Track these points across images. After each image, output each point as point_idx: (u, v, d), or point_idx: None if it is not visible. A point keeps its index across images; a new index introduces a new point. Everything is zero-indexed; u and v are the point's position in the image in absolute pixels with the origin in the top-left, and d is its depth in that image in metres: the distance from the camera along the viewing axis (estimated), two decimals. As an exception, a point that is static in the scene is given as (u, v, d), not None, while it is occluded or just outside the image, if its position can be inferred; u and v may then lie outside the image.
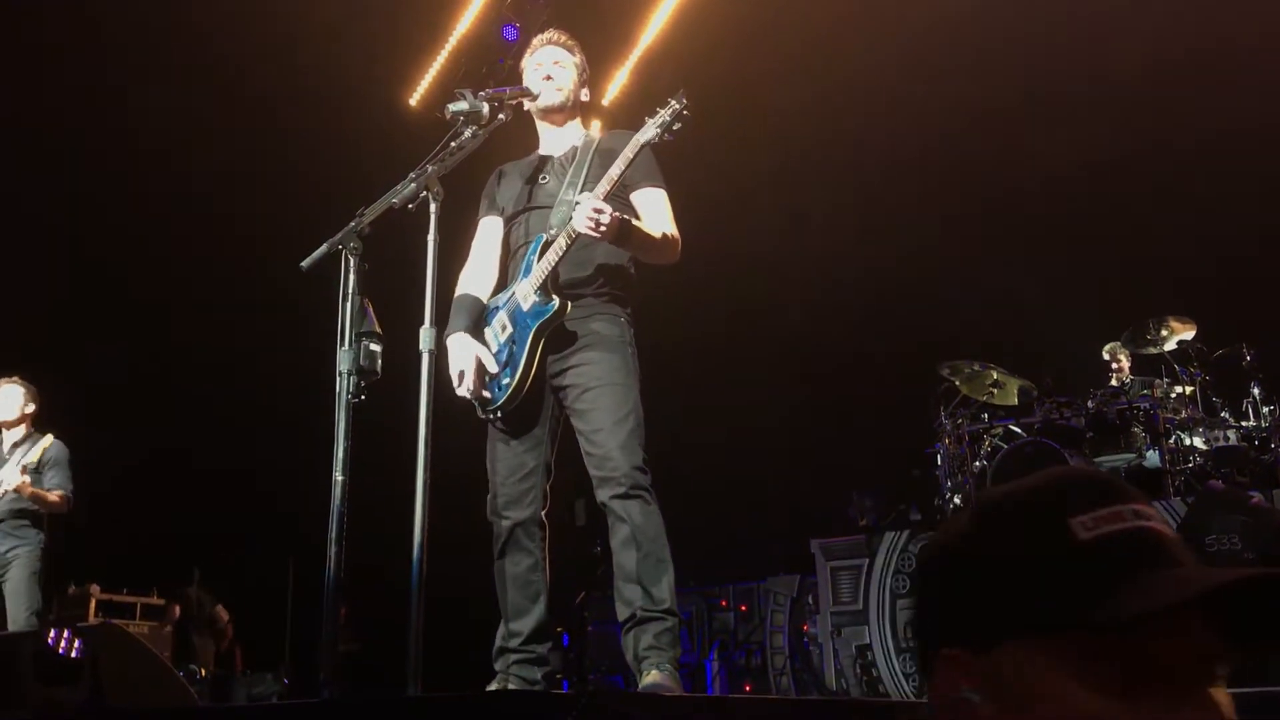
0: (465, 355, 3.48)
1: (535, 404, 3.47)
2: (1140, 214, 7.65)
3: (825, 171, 8.21)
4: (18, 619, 5.97)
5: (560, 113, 3.72)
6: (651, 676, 3.14)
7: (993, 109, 7.81)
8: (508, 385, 3.42)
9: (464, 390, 3.47)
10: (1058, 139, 7.79)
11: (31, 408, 6.38)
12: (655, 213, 3.52)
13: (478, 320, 3.60)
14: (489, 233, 3.75)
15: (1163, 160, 7.43)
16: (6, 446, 6.28)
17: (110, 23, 7.49)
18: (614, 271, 3.55)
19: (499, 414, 3.46)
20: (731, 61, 8.06)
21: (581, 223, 3.26)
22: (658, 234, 3.47)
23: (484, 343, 3.54)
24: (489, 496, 3.49)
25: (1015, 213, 8.14)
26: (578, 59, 3.77)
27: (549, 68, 3.70)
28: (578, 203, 3.33)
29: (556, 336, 3.43)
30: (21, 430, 6.34)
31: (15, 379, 6.36)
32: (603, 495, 3.31)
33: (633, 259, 3.59)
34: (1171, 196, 7.47)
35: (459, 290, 3.66)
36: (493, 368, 3.48)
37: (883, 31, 7.67)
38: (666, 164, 3.63)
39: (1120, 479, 0.93)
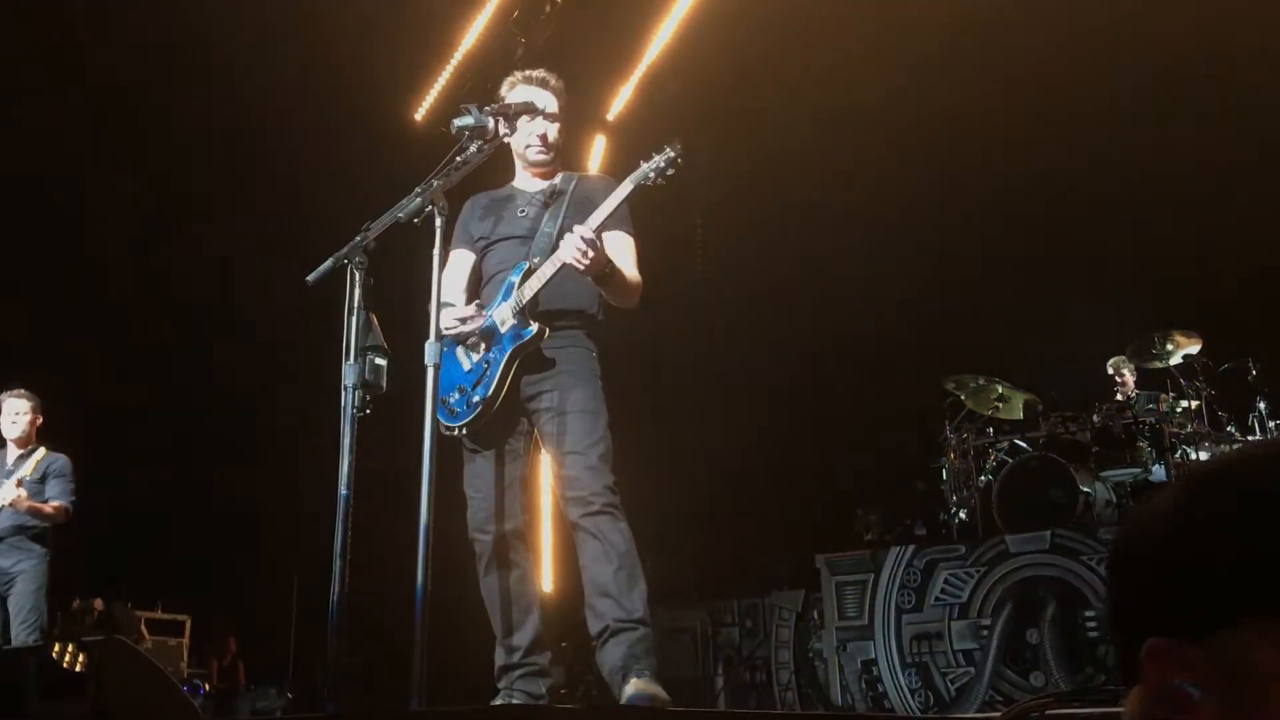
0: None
1: (509, 419, 3.52)
2: (1145, 227, 7.64)
3: (831, 184, 8.22)
4: (20, 635, 5.91)
5: (549, 167, 3.77)
6: (634, 685, 3.15)
7: (997, 121, 7.82)
8: (478, 404, 3.46)
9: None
10: (1064, 151, 7.80)
11: (39, 420, 6.35)
12: (623, 257, 3.57)
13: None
14: (459, 264, 3.77)
15: (1168, 172, 7.43)
16: (11, 459, 6.23)
17: (112, 33, 7.51)
18: (588, 307, 3.62)
19: (464, 431, 3.48)
20: (737, 75, 8.08)
21: (569, 252, 3.29)
22: (630, 278, 3.52)
23: (456, 360, 3.57)
24: (468, 514, 3.50)
25: (1020, 226, 8.14)
26: (563, 99, 3.79)
27: (544, 123, 3.71)
28: (568, 233, 3.35)
29: (530, 362, 3.48)
30: (32, 444, 6.29)
31: (21, 391, 6.32)
32: (573, 514, 3.35)
33: (603, 301, 3.62)
34: (1178, 209, 7.46)
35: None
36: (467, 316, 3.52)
37: (887, 45, 7.68)
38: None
39: None
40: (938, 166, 8.12)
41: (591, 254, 3.28)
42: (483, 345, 3.52)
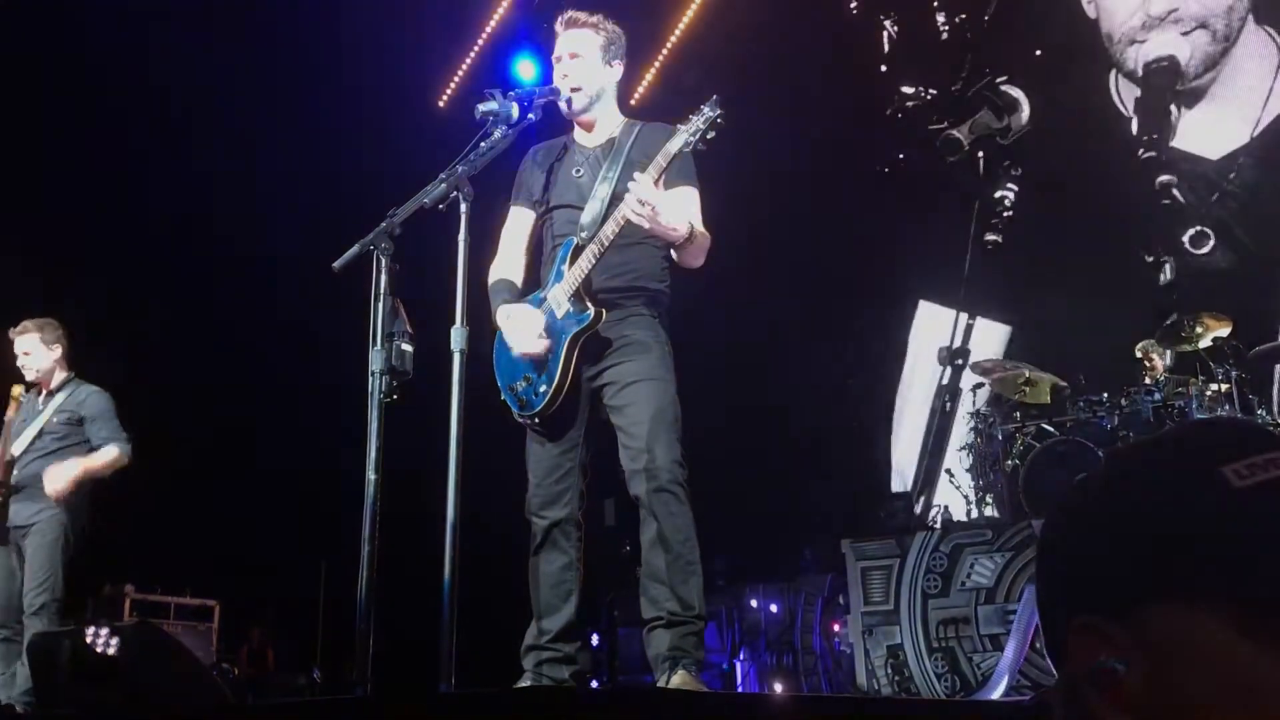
0: (527, 319, 3.47)
1: (572, 406, 3.46)
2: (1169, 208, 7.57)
3: (855, 166, 8.19)
4: (29, 600, 5.05)
5: (584, 114, 3.65)
6: (679, 678, 3.14)
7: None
8: (545, 393, 3.41)
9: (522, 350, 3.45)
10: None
11: (60, 350, 5.46)
12: (690, 212, 3.45)
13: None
14: (518, 224, 3.70)
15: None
16: (42, 403, 5.43)
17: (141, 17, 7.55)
18: (648, 276, 3.52)
19: (536, 420, 3.46)
20: (760, 62, 8.05)
21: (630, 210, 3.22)
22: (701, 235, 3.43)
23: None
24: (528, 495, 3.50)
25: (1045, 205, 8.08)
26: (601, 36, 3.64)
27: (566, 64, 3.59)
28: (626, 193, 3.26)
29: (593, 341, 3.41)
30: (61, 375, 5.48)
31: (25, 324, 5.45)
32: (636, 489, 3.29)
33: (667, 265, 3.57)
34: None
35: (493, 277, 3.64)
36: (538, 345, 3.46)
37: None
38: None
39: (1265, 427, 0.87)
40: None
41: (650, 212, 3.17)
42: (543, 332, 3.46)
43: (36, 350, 5.41)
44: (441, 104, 8.58)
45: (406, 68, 8.34)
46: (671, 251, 3.48)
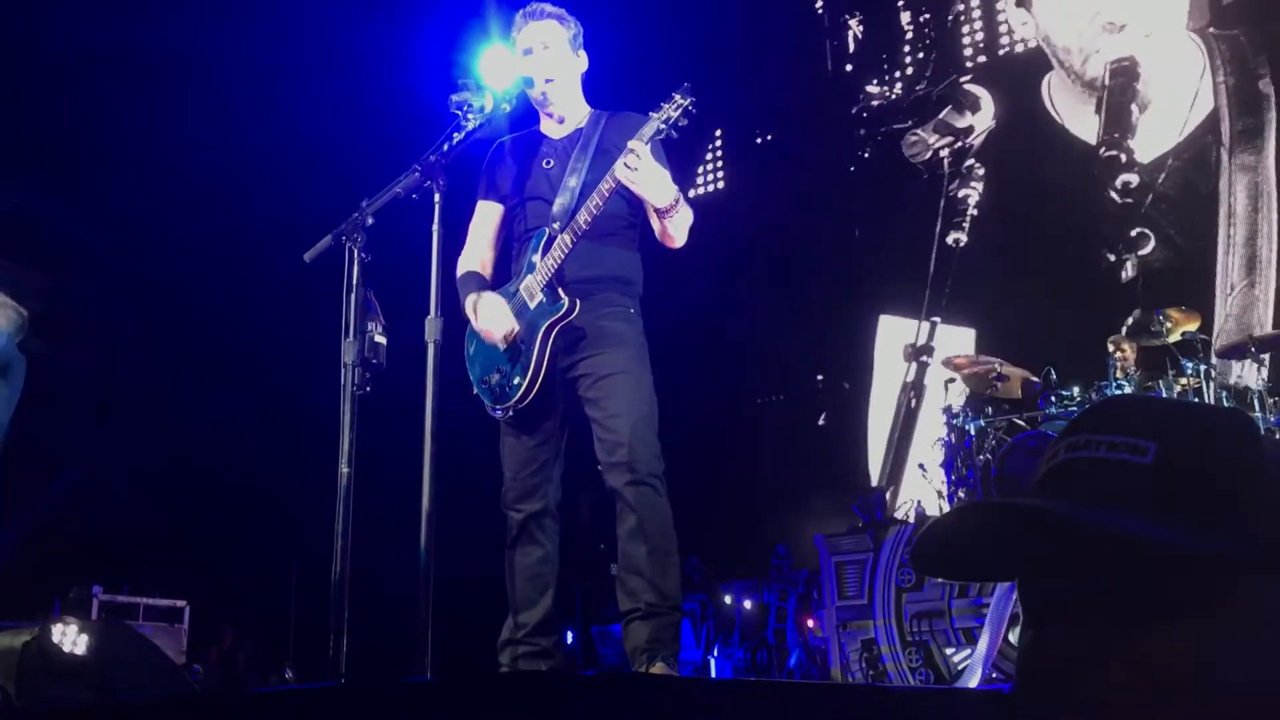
0: (494, 304, 3.46)
1: (545, 398, 3.44)
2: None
3: (820, 170, 8.21)
4: None
5: (556, 105, 3.64)
6: (656, 669, 3.14)
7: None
8: (519, 385, 3.39)
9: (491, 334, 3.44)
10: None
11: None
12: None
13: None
14: (486, 218, 3.69)
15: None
16: None
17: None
18: (622, 267, 3.52)
19: (510, 413, 3.44)
20: (725, 56, 8.05)
21: (624, 173, 3.23)
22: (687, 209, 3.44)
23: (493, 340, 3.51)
24: (503, 489, 3.48)
25: (1010, 201, 8.13)
26: (567, 28, 3.61)
27: (537, 55, 3.55)
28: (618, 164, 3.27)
29: (567, 331, 3.40)
30: None
31: None
32: (614, 481, 3.28)
33: (640, 256, 3.56)
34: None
35: (462, 270, 3.62)
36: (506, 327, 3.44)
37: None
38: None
39: (1103, 408, 0.83)
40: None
41: (640, 168, 3.20)
42: (510, 315, 3.45)
43: None
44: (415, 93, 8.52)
45: (378, 58, 8.28)
46: (658, 222, 3.46)
